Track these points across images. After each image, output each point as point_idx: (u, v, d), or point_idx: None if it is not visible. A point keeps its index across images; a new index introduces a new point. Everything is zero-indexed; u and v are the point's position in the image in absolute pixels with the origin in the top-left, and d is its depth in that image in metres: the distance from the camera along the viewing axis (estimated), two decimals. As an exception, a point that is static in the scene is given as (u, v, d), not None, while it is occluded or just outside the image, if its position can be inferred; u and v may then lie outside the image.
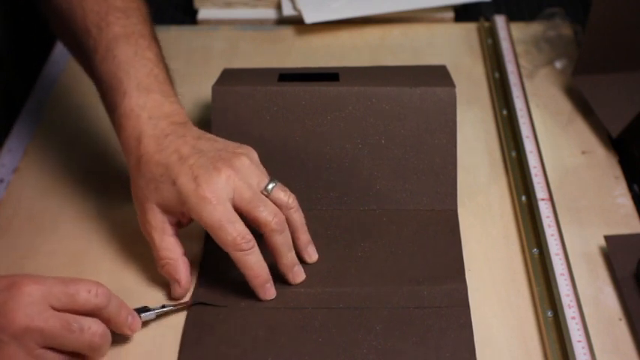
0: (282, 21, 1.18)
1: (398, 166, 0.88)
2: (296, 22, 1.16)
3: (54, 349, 0.70)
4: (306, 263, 0.82)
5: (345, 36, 1.15)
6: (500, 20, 1.14)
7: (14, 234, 0.88)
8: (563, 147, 0.97)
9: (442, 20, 1.18)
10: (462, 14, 1.19)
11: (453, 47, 1.13)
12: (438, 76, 0.92)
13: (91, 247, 0.86)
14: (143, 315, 0.77)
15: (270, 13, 1.19)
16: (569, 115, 1.01)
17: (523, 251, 0.85)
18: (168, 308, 0.79)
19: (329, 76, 0.92)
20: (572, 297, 0.78)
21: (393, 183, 0.88)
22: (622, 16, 0.98)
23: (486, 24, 1.15)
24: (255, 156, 0.81)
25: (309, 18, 1.14)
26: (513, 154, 0.94)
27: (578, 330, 0.75)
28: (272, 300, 0.79)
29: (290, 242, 0.79)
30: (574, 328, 0.75)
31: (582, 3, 1.18)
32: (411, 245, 0.84)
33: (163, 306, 0.79)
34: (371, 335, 0.76)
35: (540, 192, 0.88)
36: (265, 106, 0.88)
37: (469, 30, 1.16)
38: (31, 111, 1.05)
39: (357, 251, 0.84)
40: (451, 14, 1.18)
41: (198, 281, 0.81)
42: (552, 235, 0.84)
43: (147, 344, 0.77)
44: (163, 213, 0.79)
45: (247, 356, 0.75)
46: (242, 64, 1.08)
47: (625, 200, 0.90)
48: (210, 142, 0.81)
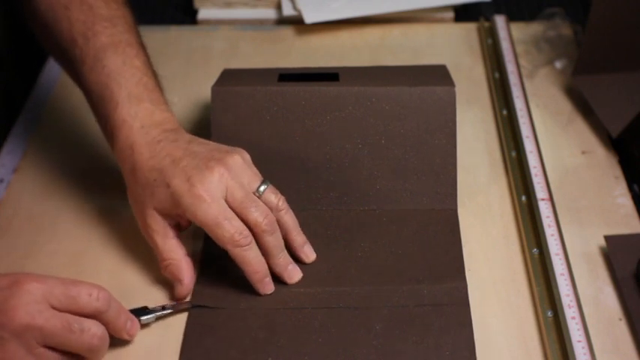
0: (282, 21, 1.18)
1: (398, 166, 0.88)
2: (296, 22, 1.16)
3: (53, 349, 0.70)
4: (304, 263, 0.82)
5: (345, 36, 1.15)
6: (500, 20, 1.14)
7: (14, 234, 0.88)
8: (563, 147, 0.97)
9: (442, 20, 1.18)
10: (462, 14, 1.19)
11: (453, 47, 1.13)
12: (438, 76, 0.92)
13: (91, 247, 0.86)
14: (142, 318, 0.77)
15: (270, 13, 1.19)
16: (569, 115, 1.01)
17: (523, 251, 0.85)
18: (167, 311, 0.79)
19: (329, 76, 0.92)
20: (572, 297, 0.78)
21: (393, 183, 0.88)
22: (622, 16, 0.97)
23: (486, 24, 1.15)
24: (247, 157, 0.81)
25: (309, 18, 1.14)
26: (513, 154, 0.94)
27: (578, 330, 0.75)
28: (272, 300, 0.79)
29: (282, 243, 0.80)
30: (574, 328, 0.75)
31: (582, 3, 1.18)
32: (411, 245, 0.84)
33: (163, 307, 0.79)
34: (371, 335, 0.76)
35: (540, 192, 0.88)
36: (265, 106, 0.88)
37: (469, 30, 1.16)
38: (31, 111, 1.05)
39: (357, 251, 0.84)
40: (451, 14, 1.18)
41: (198, 282, 0.81)
42: (552, 235, 0.84)
43: (147, 345, 0.77)
44: (163, 217, 0.80)
45: (248, 357, 0.75)
46: (242, 64, 1.08)
47: (625, 200, 0.90)
48: (202, 145, 0.81)
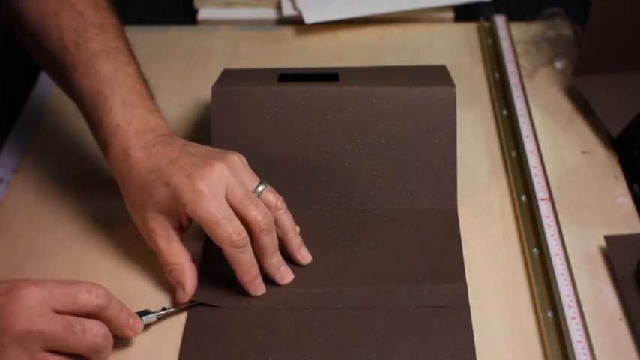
0: (282, 21, 1.18)
1: (398, 166, 0.88)
2: (296, 22, 1.16)
3: (56, 352, 0.70)
4: (300, 265, 0.82)
5: (345, 36, 1.15)
6: (500, 20, 1.14)
7: (14, 234, 0.88)
8: (563, 147, 0.97)
9: (442, 20, 1.18)
10: (462, 14, 1.19)
11: (453, 47, 1.13)
12: (438, 76, 0.92)
13: (91, 248, 0.86)
14: (145, 317, 0.77)
15: (270, 13, 1.19)
16: (569, 115, 1.01)
17: (523, 251, 0.85)
18: (169, 310, 0.79)
19: (329, 76, 0.92)
20: (572, 297, 0.78)
21: (393, 183, 0.88)
22: (622, 16, 0.97)
23: (486, 24, 1.15)
24: (244, 159, 0.81)
25: (309, 18, 1.14)
26: (513, 154, 0.94)
27: (578, 330, 0.75)
28: (272, 300, 0.79)
29: (277, 244, 0.79)
30: (574, 328, 0.75)
31: (582, 3, 1.18)
32: (411, 245, 0.84)
33: (164, 308, 0.79)
34: (371, 335, 0.76)
35: (540, 192, 0.88)
36: (265, 106, 0.88)
37: (469, 30, 1.16)
38: (31, 111, 1.05)
39: (357, 251, 0.84)
40: (451, 14, 1.18)
41: (198, 282, 0.81)
42: (552, 235, 0.84)
43: (148, 345, 0.77)
44: (165, 218, 0.79)
45: (247, 357, 0.75)
46: (242, 64, 1.08)
47: (625, 200, 0.90)
48: (197, 148, 0.81)
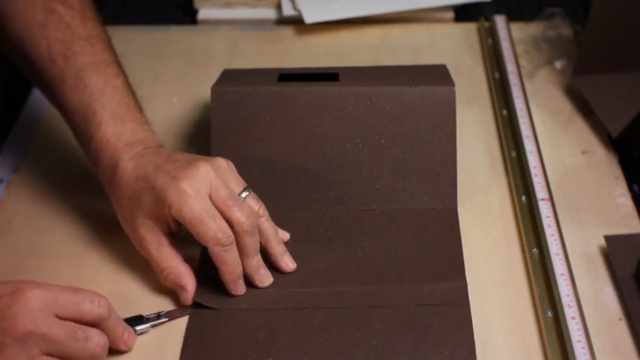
0: (282, 21, 1.18)
1: (398, 166, 0.88)
2: (296, 22, 1.16)
3: (53, 357, 0.69)
4: (284, 273, 0.81)
5: (345, 36, 1.15)
6: (500, 20, 1.14)
7: (14, 234, 0.88)
8: (563, 147, 0.97)
9: (442, 20, 1.18)
10: (462, 14, 1.19)
11: (453, 47, 1.13)
12: (438, 76, 0.92)
13: (91, 248, 0.86)
14: (137, 328, 0.77)
15: (270, 13, 1.19)
16: (569, 115, 1.01)
17: (523, 251, 0.85)
18: (163, 320, 0.78)
19: (329, 76, 0.92)
20: (572, 297, 0.78)
21: (393, 182, 0.88)
22: (622, 16, 0.97)
23: (486, 24, 1.15)
24: (232, 165, 0.81)
25: (309, 18, 1.14)
26: (513, 154, 0.94)
27: (578, 330, 0.75)
28: (272, 301, 0.79)
29: (258, 246, 0.79)
30: (574, 328, 0.75)
31: (582, 3, 1.18)
32: (411, 244, 0.84)
33: (158, 315, 0.78)
34: (371, 335, 0.76)
35: (540, 192, 0.88)
36: (265, 106, 0.88)
37: (469, 30, 1.16)
38: (31, 111, 1.05)
39: (357, 251, 0.84)
40: (451, 14, 1.18)
41: (198, 285, 0.81)
42: (552, 235, 0.84)
43: (148, 347, 0.77)
44: (154, 224, 0.79)
45: (248, 357, 0.75)
46: (242, 64, 1.08)
47: (625, 200, 0.90)
48: (184, 155, 0.82)
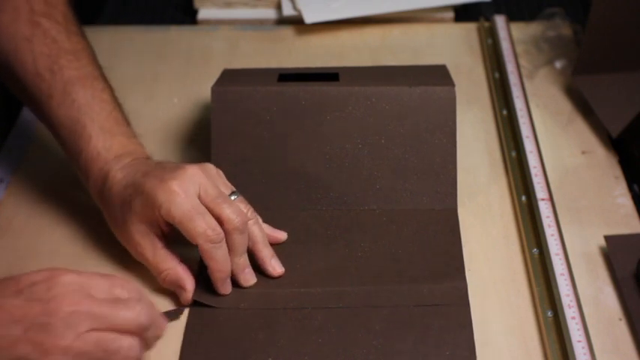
0: (282, 21, 1.18)
1: (398, 166, 0.88)
2: (296, 22, 1.16)
3: (101, 331, 0.67)
4: (272, 277, 0.81)
5: (345, 36, 1.15)
6: (500, 20, 1.14)
7: (14, 234, 0.88)
8: (563, 147, 0.97)
9: (442, 20, 1.18)
10: (462, 14, 1.19)
11: (453, 47, 1.13)
12: (438, 76, 0.92)
13: (91, 248, 0.86)
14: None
15: (270, 13, 1.19)
16: (569, 115, 1.01)
17: (523, 251, 0.85)
18: (180, 308, 0.79)
19: (329, 76, 0.92)
20: (572, 297, 0.78)
21: (393, 182, 0.88)
22: (622, 16, 0.97)
23: (486, 24, 1.15)
24: (221, 172, 0.82)
25: (309, 18, 1.14)
26: (513, 154, 0.94)
27: (578, 330, 0.75)
28: (272, 300, 0.79)
29: (246, 245, 0.79)
30: (574, 328, 0.75)
31: (582, 3, 1.18)
32: (411, 245, 0.84)
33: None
34: (371, 335, 0.76)
35: (540, 192, 0.88)
36: (265, 106, 0.88)
37: (469, 30, 1.16)
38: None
39: (357, 251, 0.84)
40: (451, 14, 1.18)
41: (197, 284, 0.81)
42: (552, 235, 0.84)
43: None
44: (147, 228, 0.79)
45: (248, 357, 0.75)
46: (242, 64, 1.08)
47: (625, 200, 0.90)
48: (172, 163, 0.82)
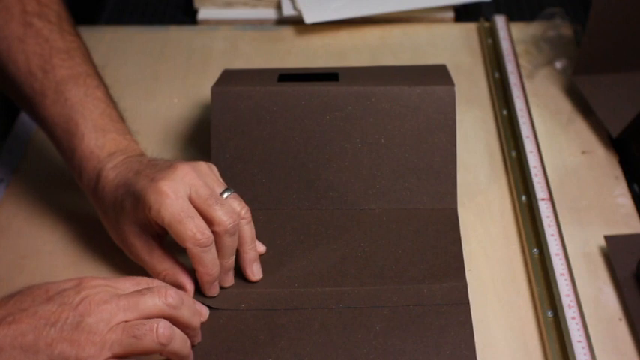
0: (282, 21, 1.18)
1: (398, 166, 0.88)
2: (296, 22, 1.16)
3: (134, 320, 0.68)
4: (249, 281, 0.81)
5: (345, 36, 1.15)
6: (500, 20, 1.14)
7: (14, 234, 0.88)
8: (563, 147, 0.97)
9: (442, 20, 1.18)
10: (462, 14, 1.19)
11: (453, 47, 1.13)
12: (438, 76, 0.92)
13: (91, 248, 0.86)
14: None
15: (270, 13, 1.19)
16: (569, 115, 1.01)
17: (523, 251, 0.85)
18: None
19: (329, 76, 0.92)
20: (572, 297, 0.78)
21: (393, 182, 0.88)
22: (622, 16, 0.98)
23: (486, 24, 1.15)
24: (214, 169, 0.81)
25: (309, 18, 1.14)
26: (513, 154, 0.94)
27: (578, 330, 0.75)
28: (272, 301, 0.79)
29: (235, 246, 0.79)
30: (574, 328, 0.75)
31: (582, 3, 1.18)
32: (411, 244, 0.84)
33: None
34: (371, 335, 0.76)
35: (540, 192, 0.88)
36: (265, 106, 0.88)
37: (469, 30, 1.16)
38: (31, 111, 1.05)
39: (357, 251, 0.84)
40: (451, 14, 1.18)
41: (196, 284, 0.81)
42: (552, 235, 0.84)
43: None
44: (140, 229, 0.79)
45: (249, 358, 0.74)
46: (242, 64, 1.08)
47: (625, 200, 0.90)
48: (165, 160, 0.81)
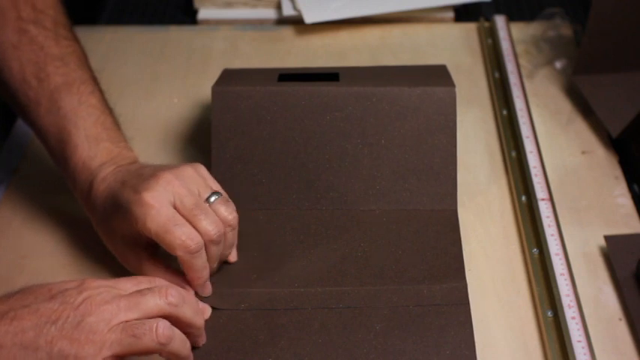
0: (282, 21, 1.18)
1: (398, 167, 0.88)
2: (296, 22, 1.16)
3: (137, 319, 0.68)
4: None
5: (345, 36, 1.15)
6: (500, 20, 1.14)
7: (14, 234, 0.88)
8: (563, 147, 0.97)
9: (442, 20, 1.18)
10: (462, 14, 1.19)
11: (453, 47, 1.13)
12: (438, 76, 0.92)
13: (91, 248, 0.86)
14: None
15: (270, 13, 1.19)
16: (569, 115, 1.01)
17: (523, 251, 0.85)
18: None
19: (329, 76, 0.92)
20: (572, 297, 0.78)
21: (393, 183, 0.88)
22: (622, 16, 0.98)
23: (486, 24, 1.15)
24: (202, 169, 0.80)
25: (309, 18, 1.14)
26: (513, 154, 0.94)
27: (578, 330, 0.75)
28: (272, 301, 0.79)
29: (220, 254, 0.79)
30: (574, 328, 0.75)
31: (582, 3, 1.18)
32: (411, 245, 0.84)
33: None
34: (371, 335, 0.76)
35: (540, 192, 0.88)
36: (265, 106, 0.88)
37: (469, 30, 1.16)
38: (31, 111, 1.05)
39: (357, 251, 0.84)
40: (451, 14, 1.18)
41: None
42: (552, 235, 0.84)
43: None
44: (130, 239, 0.78)
45: (249, 358, 0.74)
46: (242, 64, 1.08)
47: (625, 200, 0.90)
48: (153, 166, 0.81)
